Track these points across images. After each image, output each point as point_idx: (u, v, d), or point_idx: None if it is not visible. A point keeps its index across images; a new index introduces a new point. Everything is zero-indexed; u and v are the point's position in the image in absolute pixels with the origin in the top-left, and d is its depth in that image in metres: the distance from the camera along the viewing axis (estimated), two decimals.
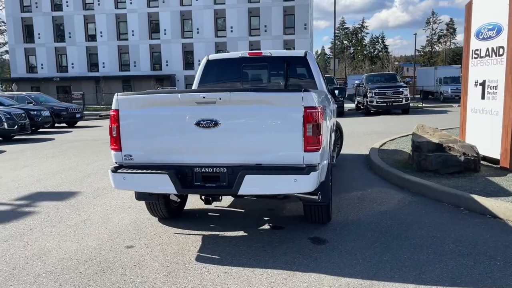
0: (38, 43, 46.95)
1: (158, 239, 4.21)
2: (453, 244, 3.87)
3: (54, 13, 46.22)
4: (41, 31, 46.74)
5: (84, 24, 45.88)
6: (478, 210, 4.77)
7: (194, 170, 3.77)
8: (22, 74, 47.53)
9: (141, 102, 3.80)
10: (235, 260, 3.64)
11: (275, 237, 4.21)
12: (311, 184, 3.58)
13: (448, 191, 5.20)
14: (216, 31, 44.50)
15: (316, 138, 3.60)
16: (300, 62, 5.59)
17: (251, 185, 3.58)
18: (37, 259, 3.76)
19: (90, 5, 45.65)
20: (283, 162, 3.64)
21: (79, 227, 4.65)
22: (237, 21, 43.95)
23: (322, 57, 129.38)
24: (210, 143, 3.69)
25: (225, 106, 3.62)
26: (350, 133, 12.65)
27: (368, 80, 22.22)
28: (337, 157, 8.44)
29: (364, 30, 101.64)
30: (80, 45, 45.99)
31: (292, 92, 3.63)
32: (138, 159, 3.87)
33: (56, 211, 5.27)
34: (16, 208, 5.52)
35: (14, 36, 47.54)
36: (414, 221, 4.57)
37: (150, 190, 3.90)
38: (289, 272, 3.39)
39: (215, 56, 5.87)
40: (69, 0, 45.74)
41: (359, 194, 5.72)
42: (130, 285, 3.22)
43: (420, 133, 6.90)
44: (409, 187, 5.88)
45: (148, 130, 3.81)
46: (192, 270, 3.47)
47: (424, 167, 6.28)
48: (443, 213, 4.83)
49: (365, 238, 4.10)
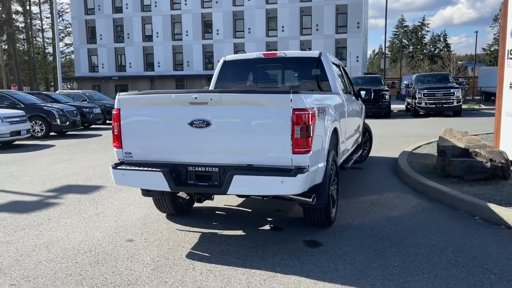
0: (99, 44, 49.53)
1: (158, 234, 4.36)
2: (452, 254, 3.69)
3: (115, 15, 48.53)
4: (102, 33, 49.27)
5: (141, 25, 47.81)
6: (493, 220, 4.50)
7: (188, 168, 3.87)
8: (85, 73, 50.38)
9: (139, 102, 3.96)
10: (223, 259, 3.70)
11: (272, 238, 4.22)
12: (298, 187, 3.57)
13: (465, 198, 4.94)
14: (267, 31, 44.69)
15: (306, 140, 3.58)
16: (314, 63, 5.53)
17: (239, 185, 3.63)
18: (44, 248, 4.03)
19: (148, 7, 47.47)
20: (272, 163, 3.65)
21: (92, 219, 4.92)
22: (288, 20, 43.88)
23: (380, 56, 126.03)
24: (202, 143, 3.78)
25: (217, 107, 3.69)
26: (389, 135, 12.30)
27: (418, 81, 21.37)
28: (365, 160, 8.27)
29: (425, 28, 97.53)
30: (137, 46, 47.96)
31: (280, 94, 3.63)
32: (137, 156, 4.03)
33: (77, 204, 5.60)
34: (43, 199, 5.92)
35: (78, 37, 50.50)
36: (421, 228, 4.40)
37: (146, 187, 4.05)
38: (271, 273, 3.40)
39: (231, 57, 5.96)
40: (129, 3, 47.83)
41: (374, 199, 5.58)
42: (116, 276, 3.38)
43: (447, 137, 6.59)
44: (428, 193, 5.65)
45: (146, 129, 3.96)
46: (179, 266, 3.57)
47: (448, 172, 6.00)
48: (455, 221, 4.60)
49: (362, 243, 4.01)
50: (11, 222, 4.86)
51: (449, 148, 6.06)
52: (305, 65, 5.66)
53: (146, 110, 3.93)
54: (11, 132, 11.84)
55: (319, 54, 5.49)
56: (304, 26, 43.99)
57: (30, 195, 6.17)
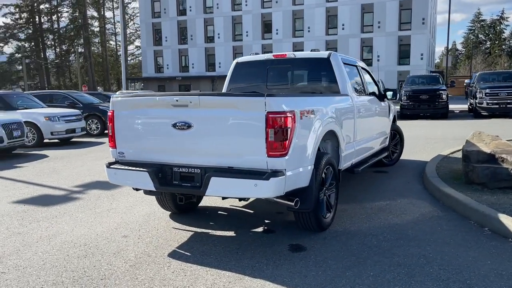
0: (165, 46, 51.64)
1: (153, 232, 4.52)
2: (437, 267, 3.48)
3: (179, 17, 50.34)
4: (167, 35, 51.31)
5: (204, 26, 49.16)
6: (502, 232, 4.16)
7: (173, 169, 3.99)
8: (151, 74, 52.79)
9: (130, 104, 4.13)
10: (201, 259, 3.77)
11: (259, 240, 4.22)
12: (271, 190, 3.55)
13: (476, 207, 4.60)
14: (327, 29, 44.04)
15: (282, 143, 3.55)
16: (322, 64, 5.42)
17: (216, 187, 3.69)
18: (46, 240, 4.34)
19: (210, 9, 48.71)
20: (250, 166, 3.66)
21: (102, 214, 5.20)
22: (349, 18, 42.93)
23: (453, 53, 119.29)
24: (185, 145, 3.88)
25: (196, 109, 3.76)
26: (435, 137, 11.67)
27: (481, 79, 19.95)
28: (395, 163, 7.95)
29: (504, 22, 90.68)
30: (200, 47, 49.39)
31: (254, 97, 3.61)
32: (129, 156, 4.22)
33: (95, 199, 5.94)
34: (69, 193, 6.35)
35: (145, 39, 53.01)
36: (419, 237, 4.18)
37: (135, 186, 4.22)
38: (240, 276, 3.41)
39: (243, 59, 6.00)
40: (192, 5, 49.38)
41: (384, 204, 5.36)
42: (94, 270, 3.56)
43: (474, 141, 6.14)
44: (444, 200, 5.33)
45: (136, 130, 4.13)
46: (156, 263, 3.69)
47: (471, 179, 5.61)
48: (460, 232, 4.31)
49: (348, 250, 3.89)
50: (31, 214, 5.27)
51: (474, 153, 5.65)
52: (314, 66, 5.57)
53: (136, 112, 4.10)
54: (66, 130, 12.75)
55: (328, 55, 5.37)
56: (365, 23, 42.78)
57: (59, 189, 6.64)
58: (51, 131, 12.49)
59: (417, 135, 12.37)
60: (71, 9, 60.07)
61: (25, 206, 5.64)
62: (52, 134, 12.55)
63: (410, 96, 18.77)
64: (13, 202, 5.87)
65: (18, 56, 55.32)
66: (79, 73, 49.83)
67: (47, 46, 60.66)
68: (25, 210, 5.45)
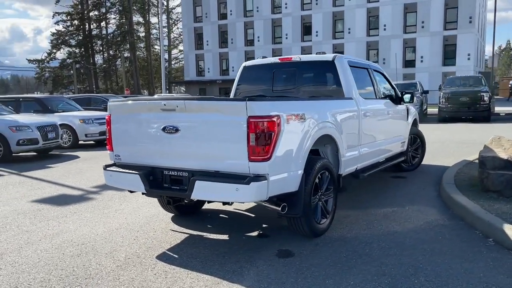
0: (206, 49, 52.51)
1: (150, 233, 4.61)
2: (423, 278, 3.33)
3: (220, 21, 51.04)
4: (209, 39, 52.16)
5: (244, 30, 49.55)
6: (506, 243, 3.92)
7: (164, 172, 4.05)
8: (193, 77, 53.83)
9: (124, 108, 4.25)
10: (186, 261, 3.81)
11: (250, 244, 4.21)
12: (252, 195, 3.54)
13: (482, 216, 4.36)
14: (368, 30, 43.14)
15: (264, 148, 3.53)
16: (327, 67, 5.33)
17: (201, 190, 3.72)
18: (49, 238, 4.53)
19: (250, 12, 49.03)
20: (234, 170, 3.67)
21: (109, 215, 5.36)
22: (391, 18, 41.85)
23: (507, 53, 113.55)
24: (174, 148, 3.94)
25: (183, 113, 3.81)
26: (468, 142, 11.14)
27: None
28: (416, 168, 7.68)
29: None
30: (240, 50, 49.82)
31: (236, 101, 3.61)
32: (124, 159, 4.33)
33: (108, 200, 6.13)
34: (85, 194, 6.60)
35: (188, 44, 54.15)
36: (415, 246, 4.02)
37: (128, 188, 4.32)
38: (218, 280, 3.42)
39: (250, 63, 6.01)
40: (233, 9, 49.92)
41: (391, 211, 5.19)
42: (82, 270, 3.68)
43: (492, 147, 5.81)
44: (454, 209, 5.09)
45: (130, 134, 4.24)
46: (142, 265, 3.77)
47: (487, 186, 5.32)
48: (461, 242, 4.10)
49: (337, 257, 3.81)
50: (44, 213, 5.53)
51: (489, 159, 5.35)
52: (319, 69, 5.48)
53: (130, 116, 4.21)
54: (100, 132, 13.24)
55: (332, 58, 5.28)
56: (408, 23, 41.53)
57: (78, 189, 6.91)
58: (85, 133, 13.04)
59: (449, 139, 11.88)
60: (118, 16, 62.40)
61: (41, 205, 5.92)
62: (86, 136, 13.10)
63: (449, 98, 18.05)
64: (32, 201, 6.17)
65: (69, 61, 58.11)
66: (124, 77, 51.63)
67: (96, 52, 63.32)
68: (39, 209, 5.71)
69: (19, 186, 7.32)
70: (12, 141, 10.32)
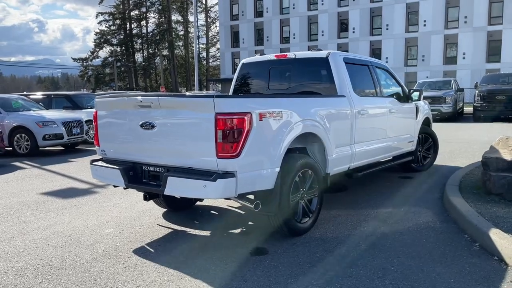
0: (242, 47, 52.75)
1: (137, 227, 4.71)
2: (388, 281, 3.23)
3: (256, 19, 51.13)
4: (245, 37, 52.38)
5: (279, 27, 49.38)
6: (489, 248, 3.73)
7: (143, 168, 4.13)
8: (229, 75, 54.18)
9: (108, 105, 4.35)
10: (159, 256, 3.87)
11: (228, 241, 4.21)
12: (219, 192, 3.55)
13: (472, 221, 4.15)
14: (407, 26, 41.84)
15: (232, 145, 3.53)
16: (321, 64, 5.23)
17: (173, 186, 3.76)
18: (41, 230, 4.72)
19: (286, 9, 48.78)
20: (205, 167, 3.68)
21: (105, 209, 5.51)
22: (431, 13, 40.40)
23: None
24: (152, 144, 4.00)
25: (158, 110, 3.87)
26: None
27: None
28: (428, 168, 7.41)
29: None
30: (275, 47, 49.63)
31: (203, 98, 3.61)
32: (109, 154, 4.44)
33: (110, 194, 6.31)
34: (91, 188, 6.81)
35: (224, 41, 54.63)
36: (394, 249, 3.89)
37: (110, 182, 4.43)
38: (182, 275, 3.45)
39: (248, 60, 6.00)
40: (269, 6, 49.85)
41: (384, 212, 5.04)
42: (59, 260, 3.81)
43: (499, 147, 5.51)
44: (450, 211, 4.88)
45: (113, 130, 4.34)
46: (116, 258, 3.85)
47: (489, 189, 5.07)
48: (445, 246, 3.93)
49: (309, 257, 3.75)
50: (47, 205, 5.76)
51: (492, 160, 5.08)
52: (313, 66, 5.39)
53: (113, 112, 4.31)
54: None
55: (326, 55, 5.17)
56: (450, 19, 39.95)
57: (86, 183, 7.15)
58: None
59: (476, 140, 11.36)
60: (157, 15, 63.84)
61: (46, 198, 6.17)
62: None
63: (484, 96, 17.24)
64: (40, 193, 6.45)
65: (110, 59, 60.06)
66: (162, 74, 52.81)
67: (136, 50, 65.07)
68: (44, 201, 5.96)
69: (35, 179, 7.66)
70: (38, 136, 10.82)
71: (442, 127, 15.61)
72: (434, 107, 18.11)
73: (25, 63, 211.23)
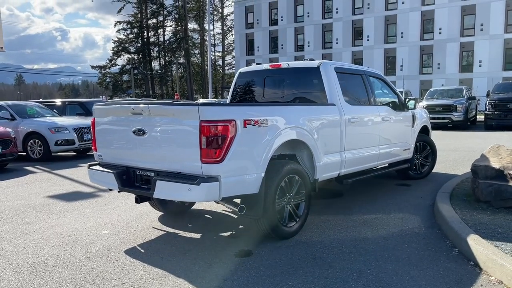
0: (257, 55, 53.15)
1: (132, 229, 4.91)
2: (362, 283, 3.36)
3: (271, 27, 51.54)
4: (259, 44, 52.83)
5: (294, 35, 49.67)
6: (467, 254, 3.83)
7: (136, 172, 4.34)
8: None
9: (104, 112, 4.59)
10: (147, 256, 4.06)
11: (216, 243, 4.38)
12: (203, 195, 3.73)
13: (453, 226, 4.24)
14: (422, 34, 41.64)
15: (215, 151, 3.70)
16: (313, 73, 5.38)
17: (161, 189, 3.96)
18: (42, 230, 4.96)
19: (301, 18, 49.07)
20: (191, 171, 3.87)
21: (106, 211, 5.75)
22: (447, 21, 40.15)
23: None
24: (143, 150, 4.21)
25: (148, 117, 4.08)
26: None
27: None
28: (426, 176, 7.47)
29: None
30: (289, 55, 49.93)
31: (189, 106, 3.80)
32: (106, 159, 4.67)
33: (112, 197, 6.55)
34: (96, 191, 7.07)
35: (239, 49, 55.19)
36: (375, 253, 4.01)
37: (106, 186, 4.64)
38: (166, 274, 3.63)
39: (245, 69, 6.19)
40: (284, 15, 50.23)
41: (373, 218, 5.15)
42: (54, 259, 4.04)
43: (489, 155, 5.56)
44: (437, 217, 4.95)
45: (109, 135, 4.57)
46: (107, 257, 4.05)
47: (477, 196, 5.14)
48: (425, 251, 4.03)
49: (290, 260, 3.89)
50: (52, 207, 6.02)
51: (481, 168, 5.15)
52: (305, 76, 5.55)
53: (109, 119, 4.54)
54: None
55: (318, 64, 5.33)
56: (466, 26, 39.63)
57: (92, 187, 7.41)
58: None
59: (482, 148, 11.25)
60: (174, 23, 64.79)
61: (51, 200, 6.45)
62: None
63: (496, 105, 17.11)
64: (46, 196, 6.73)
65: (128, 67, 61.10)
66: (178, 82, 53.58)
67: (153, 58, 66.08)
68: (49, 204, 6.23)
69: (44, 182, 7.97)
70: (51, 142, 11.19)
71: (452, 135, 15.54)
72: (445, 115, 18.10)
73: (47, 71, 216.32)
